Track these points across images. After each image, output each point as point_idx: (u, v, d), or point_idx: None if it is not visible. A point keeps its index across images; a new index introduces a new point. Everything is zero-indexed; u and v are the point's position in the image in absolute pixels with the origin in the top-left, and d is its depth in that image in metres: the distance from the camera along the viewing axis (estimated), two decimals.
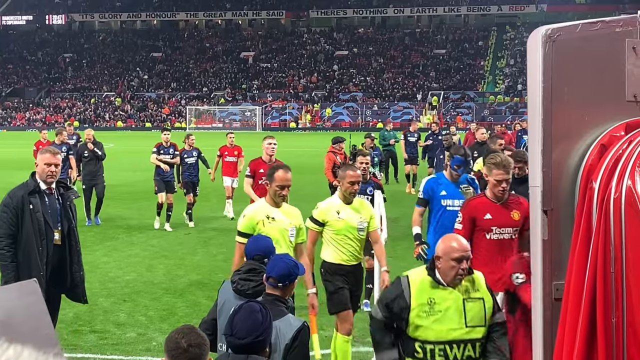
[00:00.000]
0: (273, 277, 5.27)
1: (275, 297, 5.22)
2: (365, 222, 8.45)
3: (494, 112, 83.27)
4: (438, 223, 9.57)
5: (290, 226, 7.73)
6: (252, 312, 4.44)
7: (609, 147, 3.61)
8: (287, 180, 7.70)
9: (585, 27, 3.82)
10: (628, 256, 3.35)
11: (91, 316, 11.07)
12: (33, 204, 8.11)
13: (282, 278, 5.26)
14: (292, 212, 7.92)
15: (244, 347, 4.33)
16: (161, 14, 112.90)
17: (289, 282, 5.28)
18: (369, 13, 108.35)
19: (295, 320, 5.18)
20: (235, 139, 21.43)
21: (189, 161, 19.55)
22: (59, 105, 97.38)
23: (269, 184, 7.72)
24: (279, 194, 7.67)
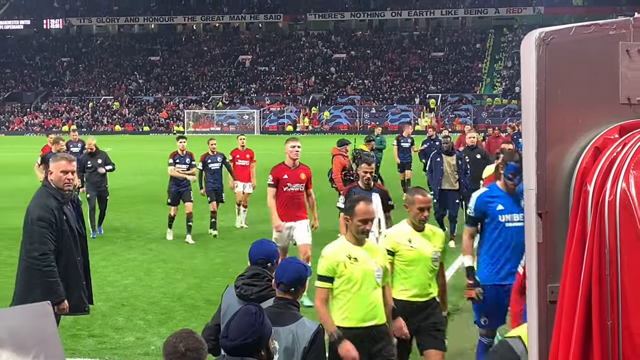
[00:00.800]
0: (284, 282, 5.29)
1: (287, 301, 5.24)
2: (439, 252, 7.59)
3: (492, 115, 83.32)
4: (494, 243, 8.31)
5: (375, 266, 6.74)
6: (246, 314, 4.45)
7: (603, 149, 3.62)
8: (370, 213, 6.71)
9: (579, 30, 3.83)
10: (623, 258, 3.36)
11: (89, 320, 11.06)
12: (66, 214, 7.85)
13: (293, 283, 5.29)
14: (376, 249, 6.95)
15: (235, 349, 4.34)
16: (159, 17, 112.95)
17: (300, 286, 5.31)
18: (366, 16, 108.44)
19: (311, 323, 5.21)
20: (235, 143, 20.34)
21: (213, 167, 18.38)
22: (56, 109, 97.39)
23: (349, 218, 6.72)
24: (362, 229, 6.65)
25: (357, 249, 6.71)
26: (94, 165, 18.25)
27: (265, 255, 6.02)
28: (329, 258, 6.66)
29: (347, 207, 6.85)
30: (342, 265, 6.62)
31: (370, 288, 6.65)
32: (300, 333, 5.06)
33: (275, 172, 12.29)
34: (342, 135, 28.96)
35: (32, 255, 7.66)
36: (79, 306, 8.04)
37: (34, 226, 7.67)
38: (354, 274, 6.60)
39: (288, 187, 12.14)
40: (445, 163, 16.68)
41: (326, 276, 6.61)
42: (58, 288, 7.69)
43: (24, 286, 7.75)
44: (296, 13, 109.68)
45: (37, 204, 7.78)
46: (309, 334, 5.09)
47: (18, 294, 7.79)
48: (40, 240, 7.64)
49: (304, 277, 5.33)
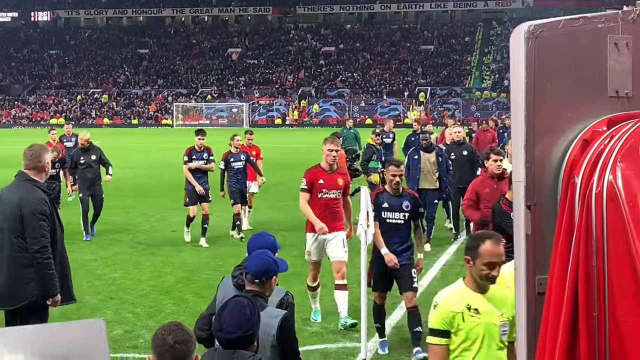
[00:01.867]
0: (250, 273, 5.31)
1: (254, 293, 5.24)
2: (507, 321, 5.39)
3: (480, 108, 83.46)
4: None
5: (500, 319, 5.35)
6: (241, 306, 4.46)
7: (591, 142, 3.64)
8: (499, 255, 5.30)
9: (568, 23, 3.84)
10: (609, 250, 3.38)
11: (78, 314, 11.05)
12: (55, 207, 7.88)
13: (259, 274, 5.29)
14: (502, 297, 5.40)
15: (233, 342, 4.35)
16: (147, 10, 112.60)
17: (266, 279, 5.30)
18: (355, 9, 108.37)
19: (277, 311, 5.23)
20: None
21: (237, 166, 16.77)
22: (44, 102, 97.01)
23: (471, 260, 5.32)
24: (487, 275, 5.29)
25: (478, 297, 5.38)
26: (88, 162, 17.12)
27: (264, 246, 6.04)
28: (444, 308, 5.33)
29: (470, 245, 5.44)
30: (460, 317, 5.31)
31: (493, 347, 5.37)
32: (268, 322, 5.08)
33: (310, 175, 10.65)
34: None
35: (32, 249, 7.60)
36: (69, 295, 8.05)
37: (33, 220, 7.59)
38: (474, 330, 5.32)
39: (323, 194, 10.55)
40: (424, 160, 15.58)
41: (440, 330, 5.32)
42: (56, 281, 7.71)
43: (17, 281, 7.66)
44: (285, 6, 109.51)
45: (30, 197, 7.67)
46: (276, 322, 5.12)
47: (8, 290, 7.66)
48: (40, 234, 7.61)
49: (271, 270, 5.31)
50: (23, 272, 7.64)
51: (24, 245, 7.64)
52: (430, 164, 15.60)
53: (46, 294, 7.70)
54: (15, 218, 7.64)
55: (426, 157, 15.59)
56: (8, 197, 7.77)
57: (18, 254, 7.65)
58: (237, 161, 16.81)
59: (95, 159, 17.22)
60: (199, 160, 16.22)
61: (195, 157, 16.25)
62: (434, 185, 15.62)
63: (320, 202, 10.53)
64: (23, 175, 7.77)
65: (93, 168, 17.18)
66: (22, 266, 7.64)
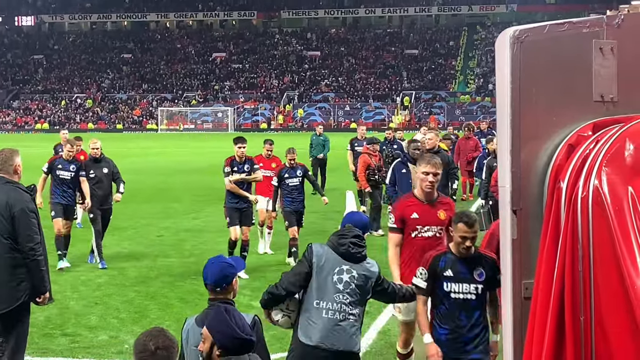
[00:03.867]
0: (208, 284, 5.25)
1: (219, 301, 5.19)
2: None
3: (465, 112, 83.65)
4: None
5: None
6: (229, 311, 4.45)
7: (577, 147, 3.65)
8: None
9: (553, 28, 3.86)
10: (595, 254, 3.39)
11: (62, 319, 11.00)
12: (37, 208, 7.99)
13: (219, 282, 5.23)
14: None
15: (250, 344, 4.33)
16: (131, 15, 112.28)
17: (226, 285, 5.26)
18: (340, 13, 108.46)
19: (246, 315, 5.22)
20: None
21: (292, 182, 14.63)
22: (28, 107, 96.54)
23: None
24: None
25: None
26: (99, 176, 14.84)
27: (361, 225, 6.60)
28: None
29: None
30: None
31: None
32: None
33: (400, 208, 7.99)
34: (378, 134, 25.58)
35: (26, 247, 7.61)
36: (50, 294, 8.07)
37: (25, 218, 7.63)
38: None
39: (419, 232, 7.86)
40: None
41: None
42: (47, 278, 7.82)
43: (10, 283, 7.63)
44: (270, 10, 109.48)
45: (19, 197, 7.71)
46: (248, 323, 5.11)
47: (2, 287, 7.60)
48: (33, 231, 7.68)
49: (228, 274, 5.27)
50: (15, 273, 7.64)
51: (14, 246, 7.62)
52: None
53: (37, 291, 7.73)
54: (4, 219, 7.62)
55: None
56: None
57: (9, 255, 7.63)
58: (293, 177, 14.61)
59: (107, 173, 14.97)
60: (241, 173, 14.01)
61: (237, 170, 14.01)
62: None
63: (415, 244, 7.83)
64: (2, 179, 7.76)
65: (104, 183, 14.91)
66: (14, 267, 7.64)
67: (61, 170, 14.67)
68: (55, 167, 14.75)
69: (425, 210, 7.89)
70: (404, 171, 13.93)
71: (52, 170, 14.76)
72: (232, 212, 14.02)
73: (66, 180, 14.67)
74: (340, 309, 6.19)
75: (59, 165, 14.78)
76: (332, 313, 6.17)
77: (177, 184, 29.35)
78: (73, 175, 14.67)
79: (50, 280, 8.16)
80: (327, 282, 6.20)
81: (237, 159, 14.10)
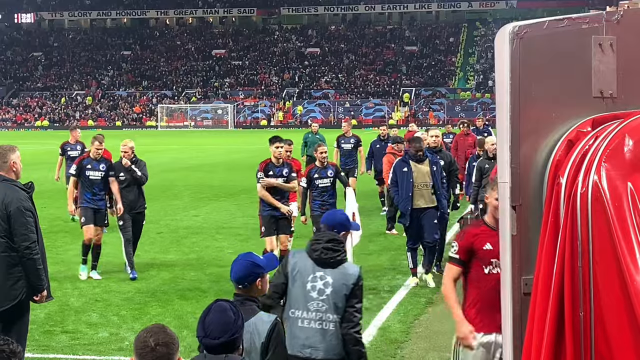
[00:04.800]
0: (233, 280, 5.30)
1: (244, 297, 5.23)
2: None
3: (465, 108, 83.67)
4: None
5: None
6: (223, 311, 4.44)
7: (576, 142, 3.65)
8: None
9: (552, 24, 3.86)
10: (595, 250, 3.39)
11: (63, 316, 11.00)
12: (34, 204, 7.92)
13: (241, 280, 5.26)
14: None
15: (219, 347, 4.33)
16: (131, 12, 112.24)
17: (248, 283, 5.28)
18: (340, 10, 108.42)
19: (268, 317, 5.21)
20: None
21: (322, 184, 13.29)
22: (28, 104, 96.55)
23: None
24: None
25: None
26: (129, 179, 13.66)
27: (339, 224, 6.41)
28: None
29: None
30: None
31: None
32: (258, 328, 5.07)
33: (468, 236, 6.53)
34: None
35: (22, 246, 7.59)
36: (49, 292, 8.08)
37: (21, 217, 7.59)
38: None
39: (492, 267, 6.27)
40: (417, 173, 12.61)
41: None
42: (44, 276, 7.78)
43: (7, 282, 7.62)
44: (269, 7, 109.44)
45: (14, 195, 7.65)
46: (266, 329, 5.09)
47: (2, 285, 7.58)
48: (29, 230, 7.64)
49: (252, 273, 5.29)
50: (12, 272, 7.63)
51: (10, 245, 7.60)
52: (424, 176, 12.63)
53: (34, 290, 7.72)
54: (0, 218, 7.58)
55: (419, 169, 12.61)
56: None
57: (5, 254, 7.62)
58: (323, 177, 13.24)
59: (141, 176, 13.73)
60: (278, 178, 12.57)
61: (273, 173, 12.56)
62: (432, 202, 12.65)
63: (486, 282, 6.27)
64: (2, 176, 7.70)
65: (135, 186, 13.75)
66: (11, 266, 7.62)
67: (91, 170, 13.44)
68: (85, 168, 13.45)
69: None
70: (405, 170, 12.59)
71: (81, 172, 13.41)
72: (268, 221, 12.56)
73: (96, 182, 13.45)
74: (316, 317, 6.03)
75: (88, 165, 13.47)
76: (308, 322, 6.04)
77: (177, 181, 29.35)
78: (103, 175, 13.49)
79: (49, 278, 8.15)
80: (302, 290, 6.05)
81: (274, 162, 12.59)
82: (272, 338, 5.11)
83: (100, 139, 13.89)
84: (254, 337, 5.04)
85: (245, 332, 5.00)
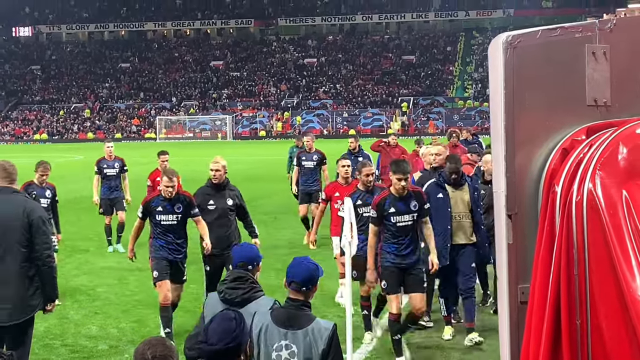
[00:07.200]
0: (296, 282, 5.20)
1: (301, 303, 5.18)
2: None
3: (463, 117, 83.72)
4: None
5: None
6: (226, 319, 4.45)
7: (571, 151, 3.67)
8: None
9: (546, 33, 3.88)
10: (590, 258, 3.40)
11: (62, 330, 11.00)
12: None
13: (305, 282, 5.21)
14: None
15: (215, 354, 4.33)
16: (129, 24, 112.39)
17: (312, 286, 5.25)
18: (337, 20, 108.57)
19: (326, 323, 5.18)
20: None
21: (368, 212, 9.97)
22: (27, 117, 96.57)
23: None
24: None
25: None
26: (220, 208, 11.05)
27: (247, 258, 6.02)
28: None
29: None
30: None
31: None
32: (316, 335, 5.05)
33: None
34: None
35: (44, 254, 7.70)
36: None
37: (42, 226, 7.72)
38: None
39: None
40: (455, 200, 10.15)
41: None
42: (57, 285, 7.98)
43: (28, 292, 7.69)
44: (267, 18, 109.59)
45: (34, 206, 7.92)
46: (326, 335, 5.06)
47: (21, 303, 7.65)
48: (50, 239, 7.84)
49: (316, 276, 5.25)
50: (32, 283, 7.71)
51: (29, 256, 7.67)
52: (464, 205, 10.16)
53: (48, 299, 7.86)
54: (20, 228, 7.62)
55: (457, 196, 10.14)
56: (6, 209, 7.67)
57: (26, 264, 7.67)
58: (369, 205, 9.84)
59: (232, 205, 11.04)
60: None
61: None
62: (470, 238, 10.18)
63: None
64: (9, 189, 7.78)
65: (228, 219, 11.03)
66: (30, 277, 7.70)
67: (162, 214, 10.38)
68: (153, 210, 10.44)
69: None
70: (440, 196, 10.08)
71: (149, 213, 10.48)
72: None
73: (172, 227, 10.44)
74: None
75: (158, 207, 10.42)
76: None
77: None
78: (180, 217, 10.48)
79: None
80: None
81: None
82: (333, 345, 5.09)
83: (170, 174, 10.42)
84: (313, 344, 5.03)
85: (304, 339, 5.00)
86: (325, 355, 5.04)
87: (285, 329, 5.07)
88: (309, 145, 17.54)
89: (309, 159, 17.38)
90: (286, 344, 5.05)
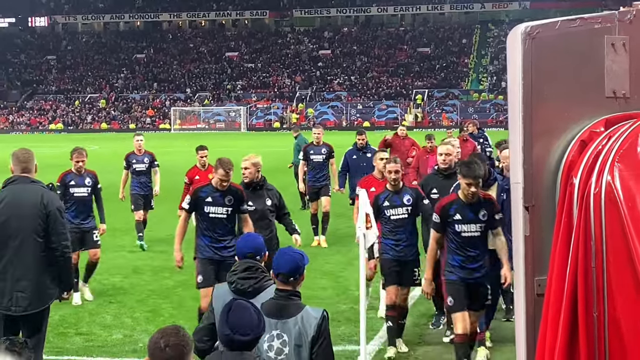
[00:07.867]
0: (283, 273, 5.25)
1: (290, 293, 5.23)
2: None
3: (478, 110, 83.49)
4: None
5: None
6: (247, 309, 4.48)
7: (589, 143, 3.64)
8: None
9: (565, 24, 3.85)
10: (608, 251, 3.38)
11: (77, 318, 11.05)
12: None
13: (292, 272, 5.24)
14: None
15: (247, 344, 4.37)
16: (144, 15, 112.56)
17: (298, 275, 5.28)
18: (352, 12, 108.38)
19: (314, 311, 5.21)
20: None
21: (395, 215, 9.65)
22: (42, 107, 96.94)
23: None
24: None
25: None
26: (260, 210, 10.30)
27: (253, 248, 6.00)
28: None
29: None
30: None
31: None
32: (306, 323, 5.09)
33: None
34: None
35: (62, 245, 7.74)
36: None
37: (60, 216, 7.77)
38: None
39: None
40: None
41: None
42: (73, 275, 8.23)
43: (46, 281, 7.73)
44: (282, 9, 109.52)
45: (52, 196, 7.89)
46: (315, 323, 5.10)
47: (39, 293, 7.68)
48: (67, 229, 7.89)
49: (302, 266, 5.29)
50: (50, 272, 7.75)
51: (46, 245, 7.69)
52: None
53: (65, 288, 7.95)
54: (38, 217, 7.63)
55: None
56: (24, 199, 7.67)
57: (43, 254, 7.71)
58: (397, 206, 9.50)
59: (270, 205, 10.33)
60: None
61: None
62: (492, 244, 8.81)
63: None
64: (27, 178, 7.77)
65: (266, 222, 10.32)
66: (48, 266, 7.74)
67: (211, 205, 9.62)
68: (202, 201, 9.66)
69: None
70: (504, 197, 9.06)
71: (196, 206, 9.69)
72: None
73: (221, 222, 9.67)
74: None
75: (208, 197, 9.65)
76: None
77: None
78: (230, 211, 9.68)
79: None
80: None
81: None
82: (322, 331, 5.14)
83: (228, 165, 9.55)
84: (303, 332, 5.08)
85: (294, 328, 5.03)
86: (315, 341, 5.09)
87: (276, 319, 5.12)
88: (318, 138, 17.01)
89: (317, 152, 16.85)
90: (277, 334, 5.11)
